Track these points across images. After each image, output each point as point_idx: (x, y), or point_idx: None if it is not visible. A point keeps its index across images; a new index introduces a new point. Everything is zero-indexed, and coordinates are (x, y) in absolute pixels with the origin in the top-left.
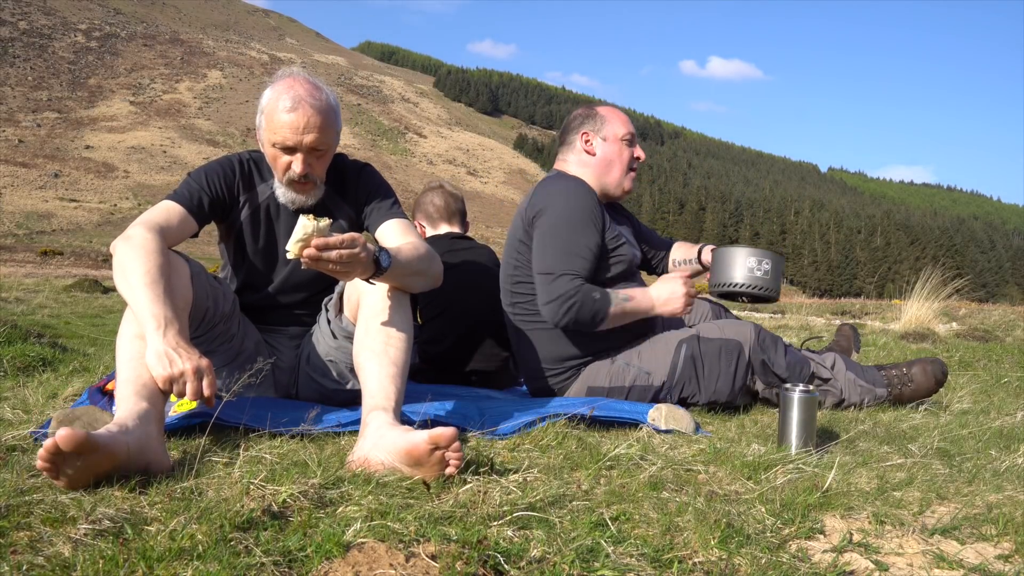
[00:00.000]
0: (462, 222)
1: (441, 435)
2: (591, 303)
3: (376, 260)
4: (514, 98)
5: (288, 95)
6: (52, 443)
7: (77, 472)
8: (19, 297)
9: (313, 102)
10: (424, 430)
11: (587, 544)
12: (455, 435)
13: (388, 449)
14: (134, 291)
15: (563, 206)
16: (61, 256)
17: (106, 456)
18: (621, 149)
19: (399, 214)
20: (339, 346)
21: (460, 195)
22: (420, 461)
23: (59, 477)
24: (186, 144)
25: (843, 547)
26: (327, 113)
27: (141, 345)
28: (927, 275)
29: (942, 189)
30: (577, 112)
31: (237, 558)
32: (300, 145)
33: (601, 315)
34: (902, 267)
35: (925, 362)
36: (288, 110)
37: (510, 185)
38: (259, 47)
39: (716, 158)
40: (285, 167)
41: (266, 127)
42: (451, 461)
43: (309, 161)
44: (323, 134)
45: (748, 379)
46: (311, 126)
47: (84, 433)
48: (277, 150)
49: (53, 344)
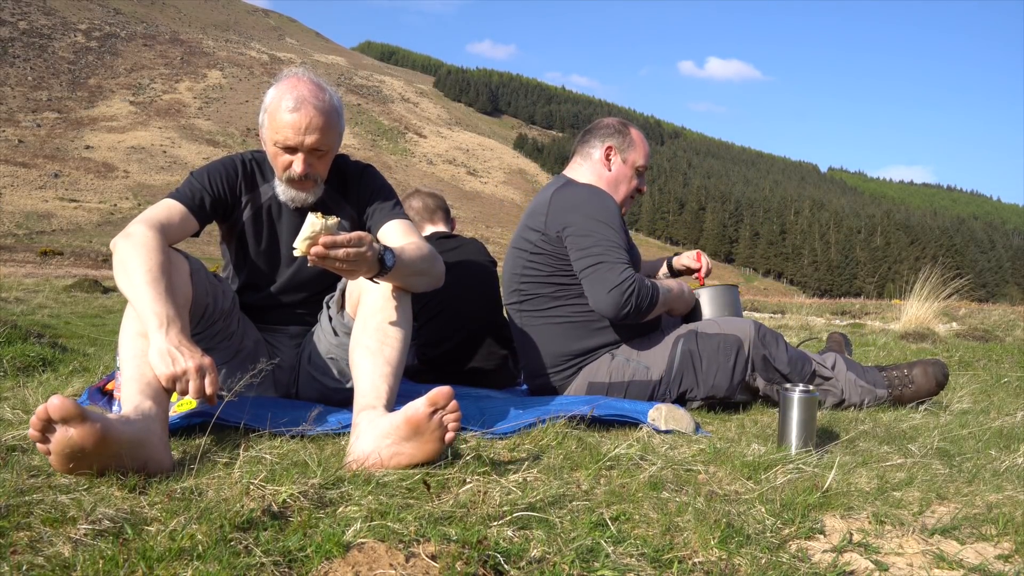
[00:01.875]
0: (446, 219)
1: (438, 393)
2: (645, 289)
3: (380, 259)
4: (514, 98)
5: (291, 95)
6: (43, 409)
7: (64, 447)
8: (19, 297)
9: (316, 103)
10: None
11: (587, 544)
12: (451, 393)
13: (385, 431)
14: (136, 289)
15: (595, 207)
16: (61, 256)
17: (94, 433)
18: (632, 177)
19: (401, 215)
20: (340, 343)
21: (439, 194)
22: (420, 428)
23: (50, 452)
24: (186, 144)
25: (843, 547)
26: (329, 114)
27: (143, 343)
28: (927, 275)
29: (942, 189)
30: (610, 121)
31: (237, 558)
32: (301, 145)
33: (654, 302)
34: (902, 267)
35: (926, 363)
36: (291, 110)
37: (510, 185)
38: (259, 47)
39: (716, 158)
40: (285, 165)
41: (268, 126)
42: (449, 426)
43: (310, 161)
44: (324, 135)
45: (748, 375)
46: (313, 127)
47: (73, 401)
48: (278, 149)
49: (53, 344)
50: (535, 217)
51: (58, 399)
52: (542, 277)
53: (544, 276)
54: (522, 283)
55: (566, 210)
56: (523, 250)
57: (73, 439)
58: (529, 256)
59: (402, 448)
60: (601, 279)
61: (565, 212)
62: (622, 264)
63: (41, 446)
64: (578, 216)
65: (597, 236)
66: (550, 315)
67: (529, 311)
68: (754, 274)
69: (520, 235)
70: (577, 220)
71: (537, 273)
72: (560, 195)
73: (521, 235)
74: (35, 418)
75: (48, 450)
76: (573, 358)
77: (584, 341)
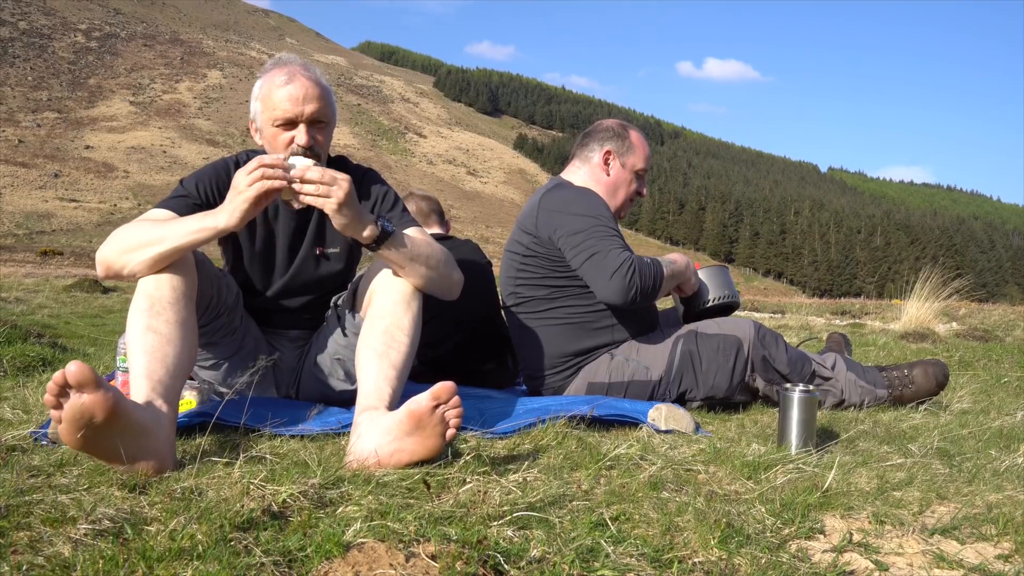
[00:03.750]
0: (441, 222)
1: (441, 388)
2: (647, 268)
3: (378, 223)
4: (514, 98)
5: (281, 72)
6: (60, 374)
7: (76, 413)
8: (19, 297)
9: (307, 75)
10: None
11: (587, 544)
12: (454, 388)
13: (387, 427)
14: (166, 226)
15: (581, 205)
16: (61, 256)
17: (105, 402)
18: (632, 180)
19: (411, 222)
20: (349, 344)
21: (432, 196)
22: (422, 422)
23: (61, 421)
24: (186, 144)
25: (843, 547)
26: (323, 86)
27: (155, 339)
28: (927, 275)
29: (942, 189)
30: (609, 124)
31: (237, 558)
32: (301, 116)
33: (659, 278)
34: (902, 267)
35: (927, 364)
36: (284, 84)
37: (510, 185)
38: (259, 47)
39: (716, 158)
40: (287, 142)
41: (263, 108)
42: (451, 421)
43: (312, 133)
44: (323, 104)
45: (747, 376)
46: (310, 96)
47: (90, 368)
48: (277, 128)
49: (53, 344)
50: (527, 220)
51: (76, 364)
52: (537, 280)
53: (539, 278)
54: (518, 286)
55: (554, 212)
56: (517, 253)
57: (85, 405)
58: (523, 259)
59: (403, 444)
60: (599, 269)
61: (553, 214)
62: (617, 248)
63: (54, 412)
64: (566, 216)
65: (587, 230)
66: (547, 317)
67: (526, 313)
68: (754, 274)
69: (513, 239)
70: (566, 220)
71: (532, 276)
72: (548, 198)
73: (514, 238)
74: (52, 383)
75: (60, 417)
76: (572, 358)
77: (582, 342)
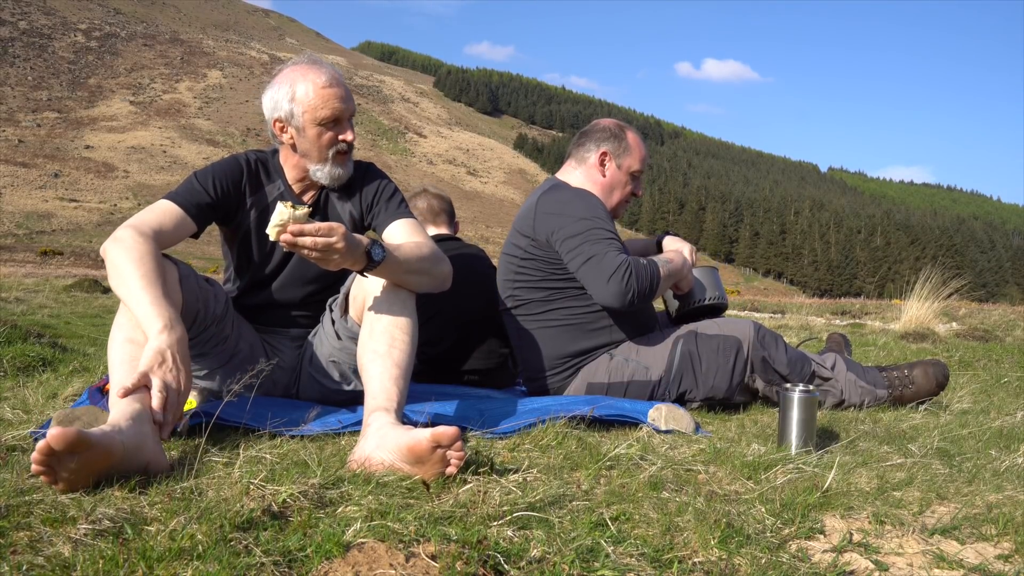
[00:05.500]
0: (449, 223)
1: (443, 434)
2: (643, 269)
3: (368, 253)
4: (514, 98)
5: (319, 74)
6: (45, 444)
7: (73, 473)
8: (19, 297)
9: (337, 76)
10: (427, 428)
11: (587, 544)
12: (457, 434)
13: (390, 448)
14: (132, 293)
15: (578, 207)
16: (61, 256)
17: (102, 453)
18: (627, 181)
19: (406, 213)
20: (343, 347)
21: (446, 196)
22: (422, 459)
23: (56, 481)
24: (186, 144)
25: (843, 547)
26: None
27: (132, 349)
28: (927, 275)
29: (942, 189)
30: (606, 124)
31: (237, 558)
32: (345, 113)
33: (656, 279)
34: (902, 267)
35: (927, 364)
36: (328, 84)
37: (510, 185)
38: (259, 47)
39: (716, 158)
40: (331, 141)
41: (309, 108)
42: (452, 460)
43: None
44: (353, 102)
45: (747, 376)
46: (349, 95)
47: (75, 430)
48: (323, 127)
49: (53, 344)
50: (523, 222)
51: (57, 430)
52: (534, 282)
53: (536, 281)
54: (515, 288)
55: (551, 215)
56: (515, 256)
57: (81, 466)
58: (521, 262)
59: (402, 467)
60: (597, 272)
61: (551, 216)
62: (613, 251)
63: (47, 479)
64: (563, 219)
65: (584, 232)
66: (545, 319)
67: (524, 315)
68: (754, 274)
69: (511, 241)
70: (563, 223)
71: (529, 278)
72: (545, 200)
73: (511, 241)
74: (37, 453)
75: (54, 481)
76: (571, 359)
77: (581, 342)
